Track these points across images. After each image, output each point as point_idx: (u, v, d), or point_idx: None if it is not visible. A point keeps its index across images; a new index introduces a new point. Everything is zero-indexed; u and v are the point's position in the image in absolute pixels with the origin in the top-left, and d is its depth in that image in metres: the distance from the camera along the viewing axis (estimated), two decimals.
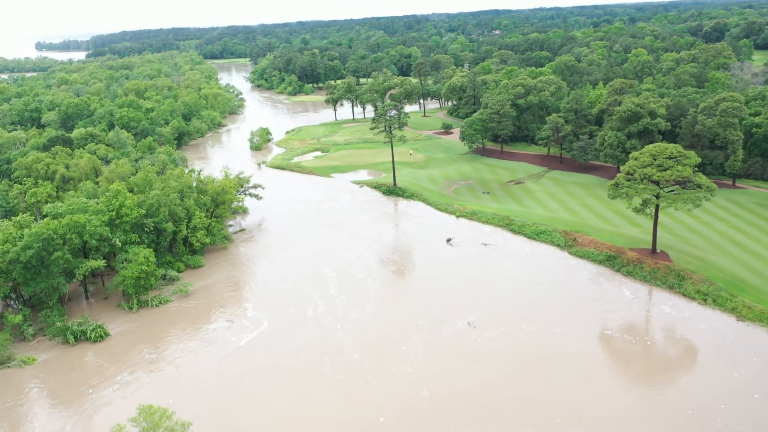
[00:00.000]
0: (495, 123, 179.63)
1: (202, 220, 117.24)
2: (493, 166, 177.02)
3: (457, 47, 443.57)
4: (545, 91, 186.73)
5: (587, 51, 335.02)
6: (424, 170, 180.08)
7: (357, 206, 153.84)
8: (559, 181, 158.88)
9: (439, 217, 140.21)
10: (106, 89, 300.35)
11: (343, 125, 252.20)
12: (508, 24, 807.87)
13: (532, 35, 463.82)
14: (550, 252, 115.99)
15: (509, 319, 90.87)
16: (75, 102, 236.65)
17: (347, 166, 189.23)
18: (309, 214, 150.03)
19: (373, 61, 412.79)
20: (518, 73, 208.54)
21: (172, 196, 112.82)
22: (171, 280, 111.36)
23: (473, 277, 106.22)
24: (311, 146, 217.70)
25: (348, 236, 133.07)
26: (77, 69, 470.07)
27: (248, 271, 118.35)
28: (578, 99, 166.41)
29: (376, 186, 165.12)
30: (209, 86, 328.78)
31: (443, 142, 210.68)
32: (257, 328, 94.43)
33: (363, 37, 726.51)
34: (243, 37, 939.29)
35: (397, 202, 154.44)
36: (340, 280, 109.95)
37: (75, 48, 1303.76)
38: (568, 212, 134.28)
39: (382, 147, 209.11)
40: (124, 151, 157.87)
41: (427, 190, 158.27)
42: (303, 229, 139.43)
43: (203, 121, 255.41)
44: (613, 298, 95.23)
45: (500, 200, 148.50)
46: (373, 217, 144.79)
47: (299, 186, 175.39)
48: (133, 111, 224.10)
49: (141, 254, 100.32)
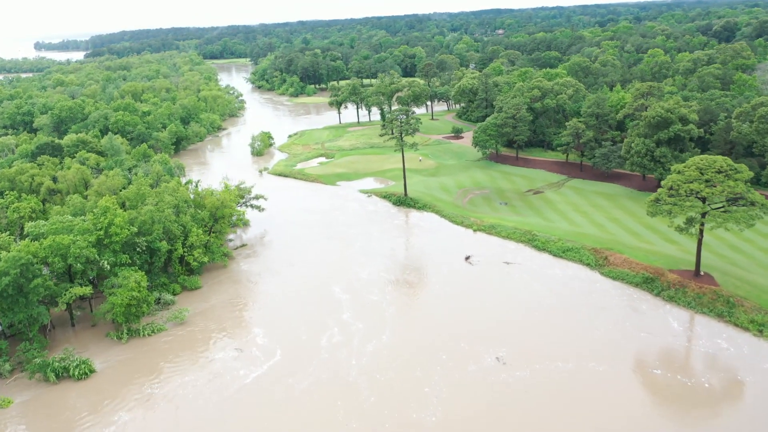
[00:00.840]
0: (510, 128, 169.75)
1: (199, 238, 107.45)
2: (509, 174, 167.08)
3: (462, 47, 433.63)
4: (563, 94, 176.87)
5: (598, 51, 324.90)
6: (435, 178, 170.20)
7: (366, 217, 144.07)
8: (581, 190, 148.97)
9: (454, 231, 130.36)
10: (102, 91, 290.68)
11: (348, 129, 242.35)
12: (511, 23, 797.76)
13: (539, 35, 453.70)
14: (580, 272, 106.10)
15: (543, 354, 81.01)
16: (68, 105, 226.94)
17: (354, 174, 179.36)
18: (315, 226, 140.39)
19: (376, 61, 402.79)
20: (532, 75, 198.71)
21: (166, 212, 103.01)
22: (166, 305, 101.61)
23: (498, 303, 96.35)
24: (315, 152, 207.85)
25: (358, 251, 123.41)
26: (74, 70, 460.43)
27: (252, 291, 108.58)
28: (600, 103, 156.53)
29: (386, 196, 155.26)
30: (209, 88, 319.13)
31: (454, 147, 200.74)
32: (269, 359, 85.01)
33: (365, 36, 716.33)
34: (243, 36, 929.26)
35: (408, 214, 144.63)
36: (354, 302, 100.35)
37: (74, 48, 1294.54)
38: (595, 226, 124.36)
39: (389, 152, 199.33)
40: (118, 159, 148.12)
41: (440, 200, 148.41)
42: (309, 243, 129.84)
43: (202, 125, 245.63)
44: (658, 329, 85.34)
45: (519, 212, 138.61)
46: (384, 229, 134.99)
47: (303, 195, 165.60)
48: (128, 115, 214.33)
49: (132, 278, 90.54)
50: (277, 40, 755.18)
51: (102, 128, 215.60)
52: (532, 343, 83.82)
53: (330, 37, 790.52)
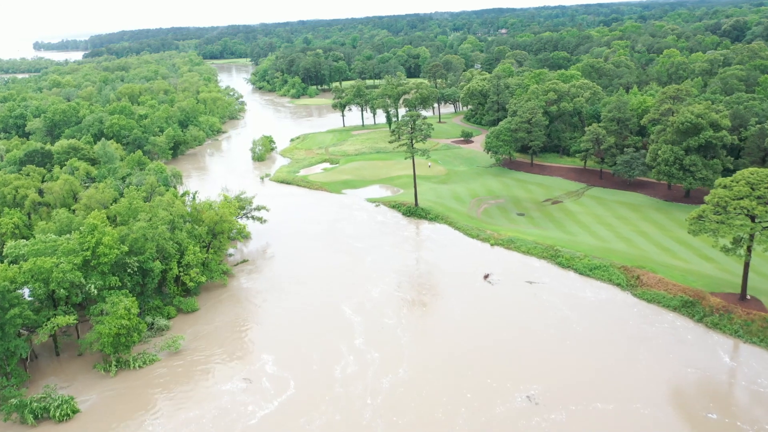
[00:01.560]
0: (525, 133, 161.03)
1: (196, 256, 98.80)
2: (524, 182, 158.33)
3: (467, 47, 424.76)
4: (579, 96, 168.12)
5: (608, 51, 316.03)
6: (446, 186, 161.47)
7: (375, 229, 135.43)
8: (603, 200, 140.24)
9: (470, 246, 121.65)
10: (98, 93, 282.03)
11: (353, 132, 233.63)
12: (515, 23, 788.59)
13: (545, 34, 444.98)
14: (611, 294, 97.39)
15: (579, 393, 72.33)
16: (62, 108, 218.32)
17: (360, 181, 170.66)
18: (320, 238, 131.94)
19: (379, 61, 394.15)
20: (546, 77, 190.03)
21: (160, 228, 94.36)
22: (159, 330, 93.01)
23: (525, 330, 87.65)
24: (319, 157, 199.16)
25: (369, 266, 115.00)
26: (71, 70, 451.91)
27: (256, 312, 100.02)
28: (621, 107, 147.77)
29: (395, 205, 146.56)
30: (208, 89, 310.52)
31: (464, 152, 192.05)
32: (281, 392, 76.79)
33: (366, 36, 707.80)
34: (243, 36, 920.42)
35: (419, 225, 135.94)
36: (367, 326, 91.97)
37: (73, 48, 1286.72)
38: (622, 241, 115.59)
39: (396, 158, 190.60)
40: (111, 167, 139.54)
41: (453, 210, 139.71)
42: (315, 257, 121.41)
43: (201, 128, 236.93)
44: (706, 363, 76.63)
45: (538, 224, 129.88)
46: (395, 243, 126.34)
47: (307, 203, 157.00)
48: (124, 118, 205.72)
49: (121, 305, 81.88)
50: (278, 40, 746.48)
51: (96, 132, 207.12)
52: (567, 378, 75.14)
53: (331, 36, 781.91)
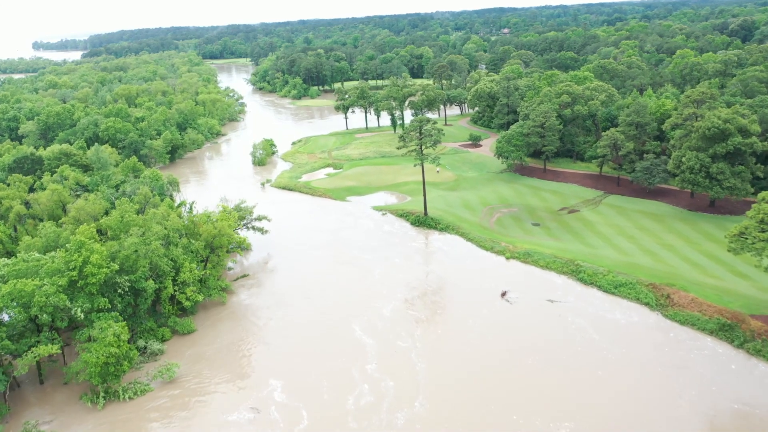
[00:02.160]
0: (538, 138, 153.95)
1: (193, 273, 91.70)
2: (538, 189, 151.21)
3: (471, 47, 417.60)
4: (594, 99, 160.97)
5: (617, 51, 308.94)
6: (455, 193, 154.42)
7: (382, 239, 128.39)
8: (623, 209, 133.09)
9: (484, 259, 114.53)
10: (94, 94, 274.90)
11: (356, 136, 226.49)
12: (517, 22, 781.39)
13: (550, 34, 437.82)
14: (640, 315, 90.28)
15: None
16: (56, 111, 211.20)
17: (365, 187, 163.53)
18: (325, 249, 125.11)
19: (382, 61, 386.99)
20: (558, 78, 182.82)
21: (154, 244, 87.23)
22: (153, 355, 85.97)
23: (551, 357, 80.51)
24: (321, 161, 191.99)
25: (377, 281, 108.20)
26: (68, 71, 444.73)
27: (259, 332, 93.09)
28: (640, 110, 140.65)
29: (403, 214, 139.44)
30: (207, 90, 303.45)
31: (472, 156, 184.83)
32: (293, 426, 69.83)
33: (368, 36, 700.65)
34: (244, 36, 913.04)
35: (429, 236, 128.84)
36: (379, 349, 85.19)
37: (72, 47, 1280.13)
38: (647, 255, 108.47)
39: (402, 162, 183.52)
40: (104, 174, 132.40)
41: (464, 220, 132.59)
42: (321, 270, 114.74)
43: (200, 131, 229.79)
44: (757, 399, 69.46)
45: (555, 235, 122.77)
46: (404, 254, 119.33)
47: (310, 211, 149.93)
48: (120, 121, 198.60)
49: (110, 331, 74.84)
50: (279, 40, 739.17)
51: (91, 135, 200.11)
52: (603, 415, 68.03)
53: (332, 36, 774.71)
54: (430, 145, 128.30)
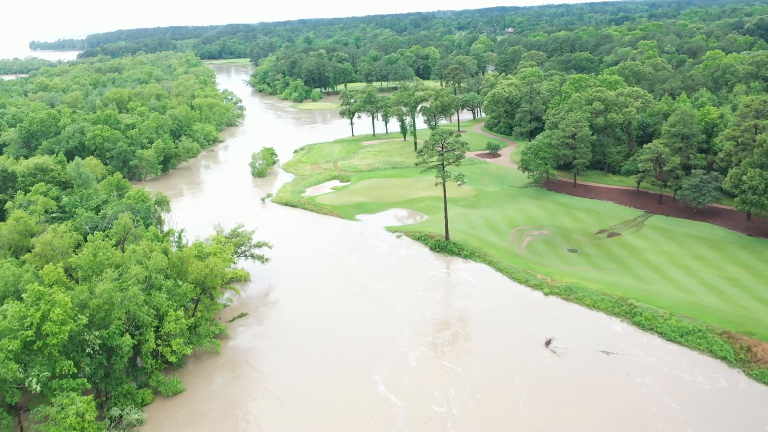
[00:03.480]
0: (569, 150, 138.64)
1: (179, 323, 76.36)
2: (569, 207, 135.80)
3: (479, 47, 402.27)
4: (629, 106, 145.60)
5: (635, 52, 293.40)
6: (477, 211, 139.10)
7: (398, 266, 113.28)
8: (670, 233, 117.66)
9: (518, 294, 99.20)
10: (83, 98, 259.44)
11: (363, 143, 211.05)
12: (521, 21, 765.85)
13: (560, 34, 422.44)
14: (718, 373, 74.91)
15: None
16: (40, 117, 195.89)
17: (376, 204, 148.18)
18: (334, 277, 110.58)
19: (387, 62, 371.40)
20: (587, 82, 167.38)
21: (132, 290, 71.88)
22: (130, 427, 70.61)
23: (619, 428, 65.21)
24: (327, 173, 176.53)
25: (398, 318, 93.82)
26: (60, 72, 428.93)
27: (261, 389, 78.30)
28: (687, 120, 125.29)
29: (421, 237, 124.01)
30: (204, 93, 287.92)
31: (491, 168, 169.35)
32: None
33: (370, 35, 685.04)
34: (243, 36, 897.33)
35: (451, 264, 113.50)
36: (410, 413, 71.21)
37: (70, 47, 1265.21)
38: (711, 292, 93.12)
39: (415, 174, 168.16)
40: (84, 194, 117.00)
41: (491, 245, 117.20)
42: (331, 303, 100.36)
43: (195, 139, 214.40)
44: None
45: (598, 264, 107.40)
46: (425, 285, 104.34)
47: (316, 231, 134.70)
48: (108, 129, 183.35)
49: (71, 410, 59.72)
50: (279, 40, 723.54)
51: (77, 144, 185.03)
52: None
53: (333, 36, 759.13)
54: (453, 161, 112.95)
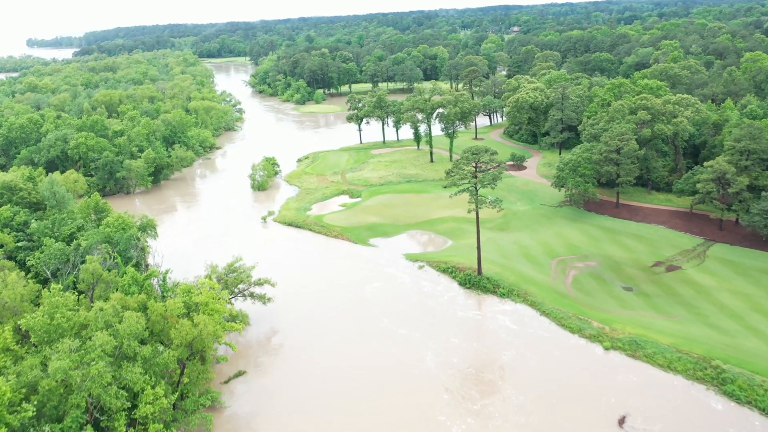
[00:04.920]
0: (612, 165, 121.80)
1: (158, 402, 59.50)
2: (614, 232, 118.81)
3: (489, 47, 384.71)
4: (678, 116, 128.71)
5: (657, 53, 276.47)
6: (508, 235, 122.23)
7: (423, 305, 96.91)
8: (741, 267, 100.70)
9: (574, 348, 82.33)
10: (71, 100, 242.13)
11: (372, 152, 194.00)
12: (528, 20, 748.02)
13: (573, 33, 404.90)
14: None
15: None
16: (20, 123, 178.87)
17: (391, 225, 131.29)
18: (347, 316, 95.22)
19: (393, 62, 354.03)
20: (626, 88, 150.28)
21: (96, 367, 55.04)
22: None
23: None
24: (334, 186, 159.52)
25: (431, 373, 79.60)
26: (52, 71, 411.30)
27: None
28: (754, 134, 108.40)
29: (447, 269, 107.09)
30: (201, 95, 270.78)
31: (518, 182, 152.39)
32: None
33: (373, 34, 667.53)
34: (243, 34, 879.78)
35: (485, 303, 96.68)
36: None
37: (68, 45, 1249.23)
38: None
39: (433, 189, 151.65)
40: (56, 218, 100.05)
41: (531, 280, 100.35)
42: (345, 351, 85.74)
43: (190, 146, 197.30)
44: None
45: (661, 308, 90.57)
46: (459, 331, 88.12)
47: (324, 258, 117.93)
48: (93, 137, 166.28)
49: None
50: (279, 38, 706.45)
51: (59, 154, 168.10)
52: None
53: (335, 34, 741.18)
54: (488, 183, 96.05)
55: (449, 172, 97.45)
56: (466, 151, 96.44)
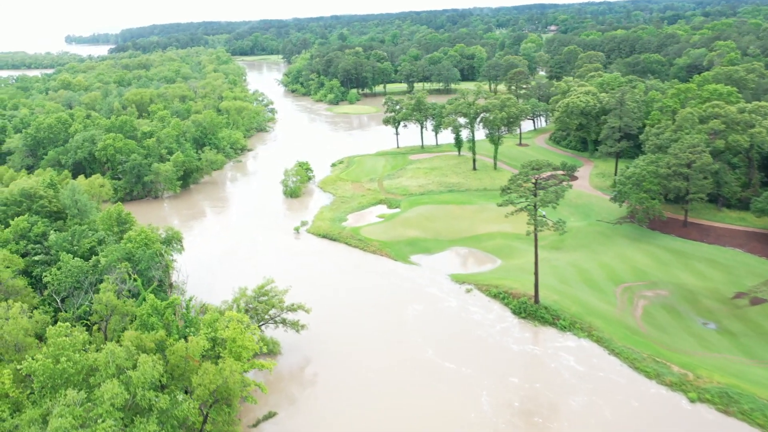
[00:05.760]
0: (682, 181, 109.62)
1: None
2: (684, 256, 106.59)
3: (530, 47, 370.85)
4: (756, 126, 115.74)
5: (713, 54, 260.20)
6: (563, 255, 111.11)
7: (472, 334, 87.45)
8: None
9: (654, 398, 71.18)
10: (102, 99, 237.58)
11: (410, 157, 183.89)
12: (566, 19, 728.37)
13: (617, 32, 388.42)
14: None
15: None
16: (48, 123, 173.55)
17: (433, 241, 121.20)
18: (388, 345, 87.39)
19: (429, 62, 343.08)
20: (692, 92, 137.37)
21: (103, 426, 46.29)
22: None
23: None
24: (371, 195, 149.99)
25: (489, 422, 69.14)
26: (86, 68, 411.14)
27: None
28: None
29: (498, 294, 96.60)
30: (233, 94, 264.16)
31: (570, 194, 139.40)
32: None
33: (407, 32, 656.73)
34: (275, 31, 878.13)
35: (544, 336, 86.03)
36: None
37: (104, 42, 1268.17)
38: None
39: (478, 200, 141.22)
40: (76, 230, 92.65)
41: (595, 311, 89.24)
42: (387, 389, 77.05)
43: (221, 149, 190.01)
44: None
45: (752, 350, 78.72)
46: (517, 369, 78.26)
47: (361, 276, 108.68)
48: (121, 139, 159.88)
49: None
50: (312, 36, 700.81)
51: (86, 155, 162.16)
52: None
53: (368, 32, 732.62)
54: (549, 202, 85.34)
55: (506, 188, 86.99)
56: (525, 165, 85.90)
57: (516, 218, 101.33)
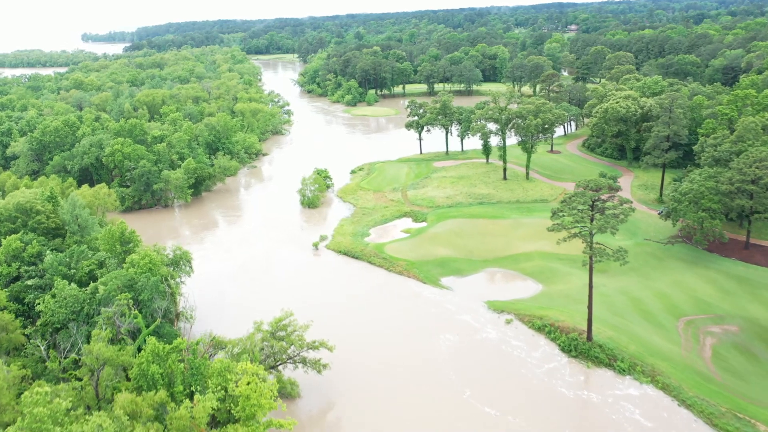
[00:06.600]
0: (746, 198, 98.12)
1: None
2: (751, 284, 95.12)
3: (554, 47, 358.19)
4: None
5: (751, 56, 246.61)
6: (612, 280, 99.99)
7: (514, 374, 77.23)
8: None
9: None
10: (113, 100, 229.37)
11: (435, 164, 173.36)
12: (587, 18, 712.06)
13: (646, 32, 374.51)
14: None
15: None
16: (55, 126, 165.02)
17: (465, 261, 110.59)
18: (418, 381, 77.38)
19: (450, 62, 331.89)
20: (752, 99, 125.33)
21: None
22: None
23: None
24: (395, 207, 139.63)
25: None
26: (99, 67, 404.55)
27: None
28: None
29: (543, 327, 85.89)
30: (248, 95, 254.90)
31: None
32: None
33: (424, 32, 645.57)
34: (291, 30, 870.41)
35: (599, 380, 75.27)
36: None
37: (120, 40, 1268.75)
38: None
39: (511, 214, 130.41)
40: (74, 250, 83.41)
41: (657, 351, 78.27)
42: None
43: (235, 154, 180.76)
44: None
45: None
46: (570, 419, 68.26)
47: (387, 301, 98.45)
48: (130, 144, 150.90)
49: None
50: (328, 35, 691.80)
51: (93, 161, 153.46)
52: None
53: (385, 31, 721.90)
54: (609, 228, 74.58)
55: (557, 211, 76.37)
56: (581, 184, 75.27)
57: (553, 236, 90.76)
